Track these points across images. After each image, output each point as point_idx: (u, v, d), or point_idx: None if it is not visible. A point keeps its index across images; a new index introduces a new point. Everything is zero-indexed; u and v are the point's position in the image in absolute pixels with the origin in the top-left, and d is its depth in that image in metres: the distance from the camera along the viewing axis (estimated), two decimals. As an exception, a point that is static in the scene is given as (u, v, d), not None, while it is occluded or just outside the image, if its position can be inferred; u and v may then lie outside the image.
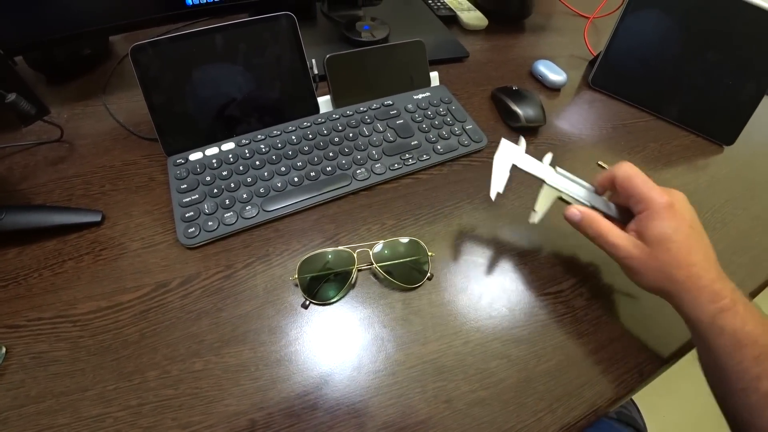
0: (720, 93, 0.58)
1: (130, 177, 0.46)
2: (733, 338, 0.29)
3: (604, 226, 0.35)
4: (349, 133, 0.49)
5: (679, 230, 0.32)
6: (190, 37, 0.44)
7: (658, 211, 0.32)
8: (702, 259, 0.32)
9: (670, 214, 0.32)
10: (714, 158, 0.58)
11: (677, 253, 0.31)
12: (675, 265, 0.32)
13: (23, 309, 0.36)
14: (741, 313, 0.29)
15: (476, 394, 0.33)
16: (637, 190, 0.34)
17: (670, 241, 0.32)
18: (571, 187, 0.38)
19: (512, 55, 0.71)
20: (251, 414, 0.31)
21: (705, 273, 0.31)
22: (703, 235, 0.33)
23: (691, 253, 0.32)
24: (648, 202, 0.33)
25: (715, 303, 0.30)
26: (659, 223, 0.32)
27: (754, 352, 0.28)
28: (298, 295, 0.38)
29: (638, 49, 0.61)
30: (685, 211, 0.33)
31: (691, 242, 0.32)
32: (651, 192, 0.33)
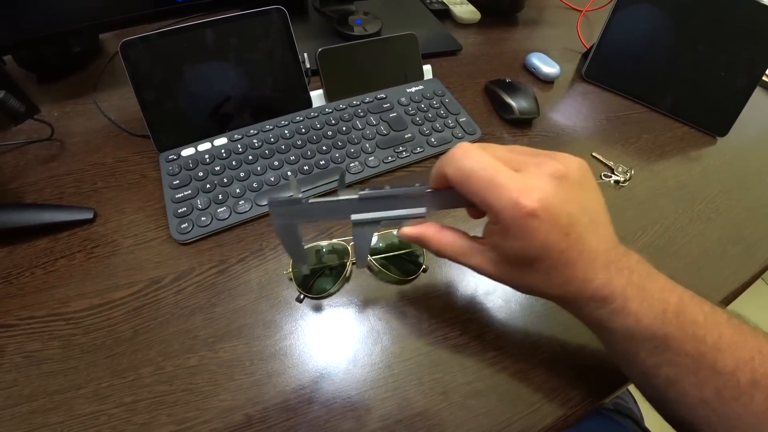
0: (712, 85, 0.58)
1: (122, 174, 0.45)
2: (626, 336, 0.26)
3: (444, 244, 0.28)
4: (342, 126, 0.49)
5: (548, 247, 0.23)
6: (181, 32, 0.43)
7: (512, 227, 0.23)
8: (583, 269, 0.24)
9: (529, 230, 0.23)
10: (707, 149, 0.59)
11: (547, 274, 0.25)
12: (546, 285, 0.26)
13: (15, 308, 0.35)
14: (634, 311, 0.25)
15: (472, 386, 0.33)
16: (477, 198, 0.24)
17: (537, 262, 0.24)
18: (392, 205, 0.28)
19: (505, 48, 0.71)
20: (247, 409, 0.31)
21: (586, 285, 0.25)
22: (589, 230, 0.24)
23: (567, 268, 0.24)
24: (495, 213, 0.24)
25: (603, 308, 0.25)
26: (514, 243, 0.24)
27: (651, 345, 0.25)
28: (293, 289, 0.37)
29: (631, 42, 0.61)
30: (557, 212, 0.23)
31: (567, 256, 0.24)
32: (497, 199, 0.23)
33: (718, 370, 0.25)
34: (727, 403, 0.25)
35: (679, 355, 0.25)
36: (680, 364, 0.25)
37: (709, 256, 0.45)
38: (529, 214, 0.22)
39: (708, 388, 0.25)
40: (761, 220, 0.50)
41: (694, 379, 0.25)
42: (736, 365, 0.24)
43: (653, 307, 0.25)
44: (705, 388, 0.25)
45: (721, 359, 0.25)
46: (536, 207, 0.22)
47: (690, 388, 0.25)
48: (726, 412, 0.25)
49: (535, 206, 0.22)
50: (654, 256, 0.43)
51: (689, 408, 0.26)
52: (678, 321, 0.25)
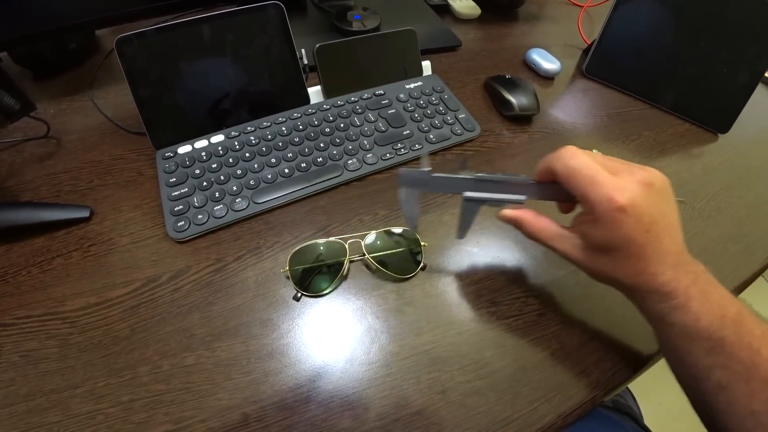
0: (714, 81, 0.58)
1: (119, 172, 0.45)
2: (683, 333, 0.27)
3: (538, 228, 0.32)
4: (340, 123, 0.48)
5: (630, 240, 0.27)
6: (177, 28, 0.43)
7: (603, 219, 0.27)
8: (655, 264, 0.27)
9: (618, 222, 0.27)
10: (709, 146, 0.58)
11: (625, 264, 0.28)
12: (621, 274, 0.29)
13: (11, 307, 0.35)
14: (694, 310, 0.27)
15: (471, 385, 0.33)
16: (579, 191, 0.28)
17: (617, 251, 0.28)
18: (498, 188, 0.33)
19: (505, 44, 0.70)
20: (244, 408, 0.31)
21: (655, 279, 0.28)
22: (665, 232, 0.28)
23: (641, 261, 0.27)
24: (591, 205, 0.27)
25: (666, 303, 0.28)
26: (603, 232, 0.28)
27: (707, 346, 0.27)
28: (290, 288, 0.37)
29: (632, 38, 0.61)
30: (642, 210, 0.27)
31: (644, 251, 0.27)
32: (596, 194, 0.27)
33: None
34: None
35: (733, 360, 0.26)
36: (733, 370, 0.26)
37: (710, 253, 0.45)
38: (619, 209, 0.26)
39: (758, 399, 0.25)
40: (762, 218, 0.49)
41: (745, 388, 0.26)
42: None
43: (713, 310, 0.27)
44: (755, 399, 0.26)
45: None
46: (626, 204, 0.26)
47: (740, 397, 0.26)
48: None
49: (625, 203, 0.26)
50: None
51: (737, 418, 0.26)
52: (735, 328, 0.27)
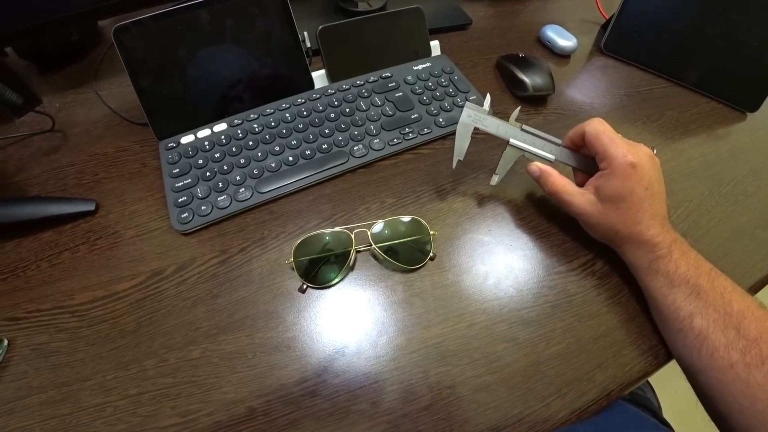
0: (743, 56, 0.54)
1: (123, 164, 0.45)
2: (666, 279, 0.32)
3: (560, 183, 0.37)
4: (345, 108, 0.47)
5: (634, 192, 0.33)
6: (175, 14, 0.42)
7: (617, 171, 0.33)
8: (648, 217, 0.33)
9: (628, 175, 0.33)
10: (736, 126, 0.55)
11: (626, 213, 0.34)
12: (621, 223, 0.34)
13: (23, 301, 0.36)
14: (675, 259, 0.32)
15: (482, 379, 0.32)
16: (601, 148, 0.34)
17: (622, 201, 0.34)
18: (536, 143, 0.39)
19: (518, 21, 0.67)
20: (249, 401, 0.31)
21: (647, 230, 0.33)
22: (657, 194, 0.34)
23: (639, 212, 0.33)
24: (610, 160, 0.34)
25: (653, 252, 0.33)
26: (615, 183, 0.34)
27: (686, 292, 0.31)
28: (295, 279, 0.36)
29: (654, 10, 0.57)
30: (646, 172, 0.33)
31: (642, 204, 0.33)
32: (615, 150, 0.34)
33: (742, 334, 0.29)
34: (751, 369, 0.28)
35: (709, 307, 0.30)
36: (710, 317, 0.30)
37: (737, 240, 0.42)
38: (630, 164, 0.33)
39: (734, 348, 0.29)
40: (795, 201, 0.46)
41: (722, 337, 0.29)
42: (759, 335, 0.28)
43: (690, 262, 0.32)
44: (731, 349, 0.29)
45: (745, 325, 0.29)
46: (636, 162, 0.33)
47: (719, 346, 0.29)
48: (749, 379, 0.28)
49: (635, 161, 0.33)
50: (677, 240, 0.41)
51: (718, 371, 0.29)
52: (709, 278, 0.31)
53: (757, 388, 0.28)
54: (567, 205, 0.37)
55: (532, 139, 0.39)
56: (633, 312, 0.36)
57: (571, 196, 0.36)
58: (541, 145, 0.39)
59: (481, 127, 0.39)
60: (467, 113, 0.39)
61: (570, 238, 0.41)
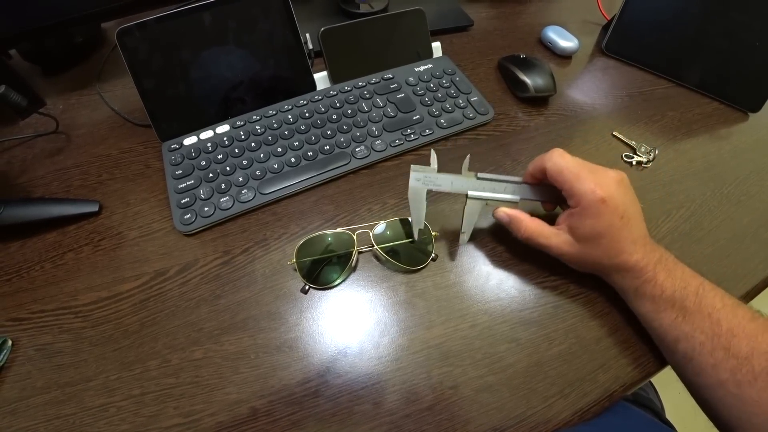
0: (745, 56, 0.54)
1: (127, 165, 0.45)
2: (652, 304, 0.32)
3: (532, 227, 0.35)
4: (347, 109, 0.47)
5: (611, 225, 0.32)
6: (178, 17, 0.42)
7: (588, 209, 0.32)
8: (629, 243, 0.32)
9: (601, 211, 0.32)
10: (738, 126, 0.54)
11: (607, 247, 0.33)
12: (605, 257, 0.33)
13: (27, 302, 0.36)
14: (660, 282, 0.32)
15: (484, 380, 0.32)
16: (567, 185, 0.33)
17: (601, 237, 0.33)
18: (497, 188, 0.37)
19: (520, 22, 0.67)
20: (252, 402, 0.31)
21: (630, 257, 0.32)
22: (633, 218, 0.33)
23: (620, 242, 0.32)
24: (578, 198, 0.33)
25: (639, 278, 0.32)
26: (589, 221, 0.32)
27: (671, 316, 0.31)
28: (298, 280, 0.37)
29: (656, 11, 0.57)
30: (618, 201, 0.32)
31: (621, 233, 0.32)
32: (582, 187, 0.32)
33: (732, 353, 0.28)
34: (743, 387, 0.27)
35: (695, 330, 0.30)
36: (696, 340, 0.29)
37: (739, 241, 0.42)
38: (601, 200, 0.32)
39: (723, 368, 0.28)
40: (797, 202, 0.46)
41: (710, 359, 0.29)
42: (751, 352, 0.28)
43: (675, 283, 0.31)
44: (720, 369, 0.28)
45: (735, 344, 0.28)
46: (606, 196, 0.32)
47: (706, 367, 0.29)
48: (742, 395, 0.27)
49: (605, 195, 0.32)
50: (679, 242, 0.41)
51: (708, 389, 0.29)
52: (696, 300, 0.30)
53: (753, 404, 0.27)
54: (544, 249, 0.35)
55: (491, 185, 0.36)
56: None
57: (547, 239, 0.35)
58: (502, 189, 0.37)
59: (433, 188, 0.36)
60: (415, 177, 0.36)
61: (572, 238, 0.41)
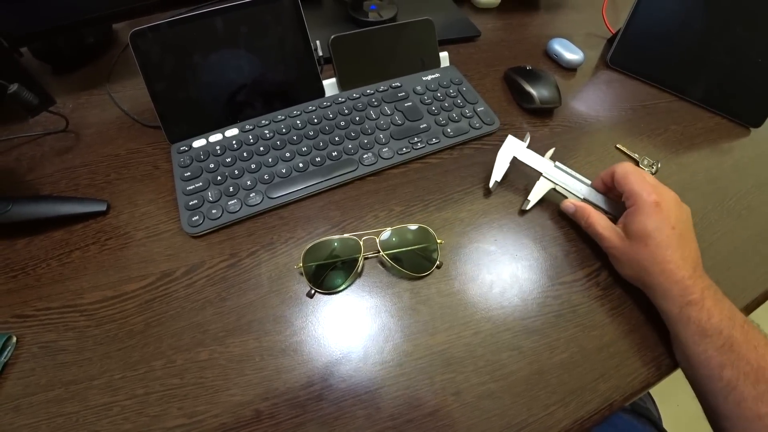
0: (748, 72, 0.55)
1: (135, 165, 0.45)
2: (698, 329, 0.31)
3: (594, 217, 0.39)
4: (355, 116, 0.48)
5: (660, 229, 0.34)
6: (191, 21, 0.42)
7: (643, 208, 0.35)
8: (678, 258, 0.33)
9: (655, 212, 0.34)
10: (740, 141, 0.55)
11: (655, 250, 0.34)
12: (651, 260, 0.34)
13: (32, 299, 0.36)
14: (707, 307, 0.31)
15: (486, 387, 0.32)
16: (629, 186, 0.36)
17: (650, 238, 0.34)
18: (568, 180, 0.42)
19: (526, 33, 0.68)
20: (256, 404, 0.31)
21: (678, 270, 0.33)
22: (686, 237, 0.35)
23: (668, 250, 0.33)
24: (636, 197, 0.36)
25: (684, 297, 0.32)
26: (642, 219, 0.35)
27: (718, 343, 0.30)
28: (303, 284, 0.37)
29: (660, 26, 0.58)
30: (671, 212, 0.35)
31: (670, 241, 0.34)
32: (640, 188, 0.36)
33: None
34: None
35: (741, 360, 0.30)
36: (741, 369, 0.29)
37: (740, 255, 0.43)
38: (655, 202, 0.35)
39: (764, 402, 0.28)
40: (798, 217, 0.47)
41: (753, 390, 0.29)
42: None
43: (723, 312, 0.31)
44: (762, 402, 0.28)
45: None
46: (660, 200, 0.35)
47: (748, 398, 0.29)
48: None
49: (659, 200, 0.35)
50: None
51: (745, 421, 0.29)
52: (743, 331, 0.31)
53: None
54: (599, 239, 0.38)
55: (562, 176, 0.42)
56: (636, 323, 0.37)
57: (603, 230, 0.38)
58: (572, 182, 0.42)
59: (519, 156, 0.43)
60: (510, 141, 0.44)
61: (574, 249, 0.41)
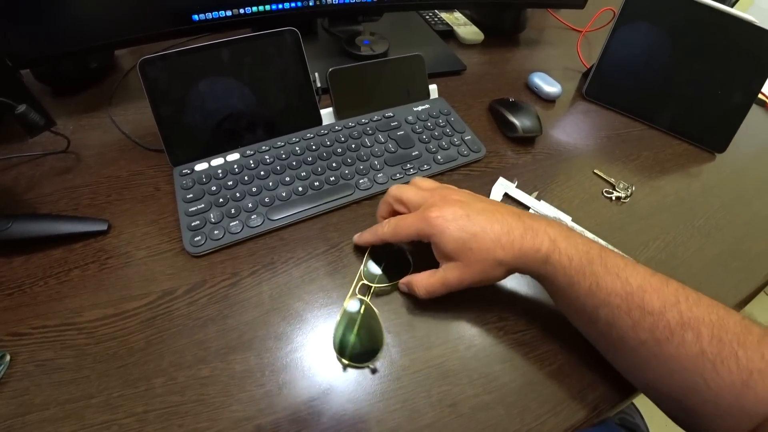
0: (709, 102, 0.60)
1: (136, 187, 0.46)
2: (565, 278, 0.31)
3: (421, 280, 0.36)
4: (351, 144, 0.50)
5: (461, 228, 0.32)
6: (198, 51, 0.45)
7: (432, 235, 0.33)
8: (499, 226, 0.32)
9: (442, 228, 0.32)
10: (706, 165, 0.60)
11: (480, 242, 0.32)
12: (487, 250, 0.32)
13: (28, 317, 0.36)
14: (564, 250, 0.30)
15: (480, 398, 0.34)
16: (406, 234, 0.35)
17: (465, 242, 0.32)
18: (551, 214, 0.46)
19: (508, 68, 0.72)
20: (258, 420, 0.31)
21: (512, 234, 0.31)
22: (482, 209, 0.33)
23: (488, 231, 0.32)
24: (421, 235, 0.34)
25: (539, 252, 0.31)
26: (443, 240, 0.33)
27: (585, 285, 0.30)
28: (303, 302, 0.38)
29: (630, 61, 0.63)
30: (451, 211, 0.33)
31: (478, 224, 0.32)
32: (412, 226, 0.34)
33: (647, 310, 0.28)
34: (662, 344, 0.28)
35: (610, 294, 0.29)
36: (612, 304, 0.29)
37: (711, 270, 0.46)
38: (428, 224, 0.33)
39: (642, 328, 0.28)
40: (761, 234, 0.51)
41: (628, 320, 0.29)
42: (663, 306, 0.28)
43: (579, 248, 0.31)
44: (639, 329, 0.28)
45: (648, 299, 0.28)
46: (427, 217, 0.34)
47: (628, 330, 0.29)
48: (662, 353, 0.28)
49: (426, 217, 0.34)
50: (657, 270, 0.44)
51: (632, 352, 0.29)
52: (602, 261, 0.30)
53: (672, 360, 0.27)
54: (447, 288, 0.35)
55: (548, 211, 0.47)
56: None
57: (439, 279, 0.35)
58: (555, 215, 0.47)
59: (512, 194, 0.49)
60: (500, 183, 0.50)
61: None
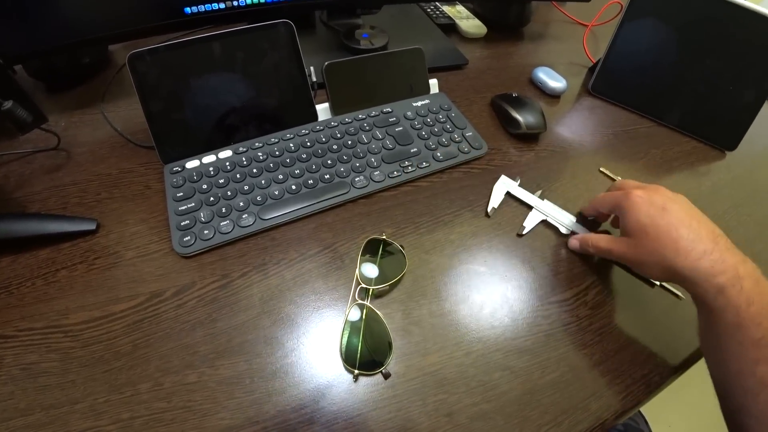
0: (720, 99, 0.58)
1: (126, 185, 0.45)
2: (734, 318, 0.28)
3: (594, 238, 0.40)
4: (347, 140, 0.49)
5: (651, 215, 0.34)
6: (188, 45, 0.43)
7: (624, 209, 0.36)
8: (687, 232, 0.32)
9: (636, 206, 0.35)
10: (716, 164, 0.58)
11: (659, 235, 0.33)
12: (662, 245, 0.33)
13: (14, 319, 0.35)
14: (746, 291, 0.28)
15: (478, 407, 0.32)
16: (606, 203, 0.40)
17: (647, 227, 0.34)
18: (556, 213, 0.46)
19: (511, 62, 0.71)
20: (246, 428, 0.30)
21: (694, 245, 0.31)
22: (689, 213, 0.34)
23: (672, 229, 0.32)
24: (616, 206, 0.38)
25: (716, 276, 0.29)
26: (629, 216, 0.36)
27: (756, 335, 0.27)
28: (294, 306, 0.37)
29: (637, 56, 0.61)
30: (654, 198, 0.35)
31: (669, 220, 0.33)
32: (614, 197, 0.38)
33: None
34: None
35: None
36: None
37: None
38: (636, 195, 0.36)
39: None
40: (773, 237, 0.49)
41: None
42: None
43: (764, 297, 0.28)
44: None
45: None
46: (634, 196, 0.37)
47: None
48: None
49: (633, 196, 0.37)
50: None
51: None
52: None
53: None
54: (609, 254, 0.38)
55: (550, 209, 0.46)
56: (625, 341, 0.37)
57: (607, 244, 0.38)
58: (559, 215, 0.46)
59: (512, 191, 0.48)
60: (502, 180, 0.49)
61: (563, 269, 0.42)
